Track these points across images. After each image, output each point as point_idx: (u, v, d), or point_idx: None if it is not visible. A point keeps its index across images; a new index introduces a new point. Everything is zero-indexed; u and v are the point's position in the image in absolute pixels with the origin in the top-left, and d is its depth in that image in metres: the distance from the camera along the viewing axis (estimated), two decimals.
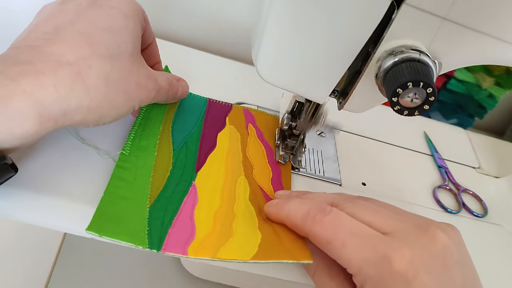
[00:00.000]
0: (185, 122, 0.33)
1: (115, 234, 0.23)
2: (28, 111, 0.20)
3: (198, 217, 0.27)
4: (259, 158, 0.34)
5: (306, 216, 0.25)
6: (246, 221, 0.27)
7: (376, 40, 0.24)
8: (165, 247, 0.24)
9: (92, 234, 0.23)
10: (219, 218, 0.27)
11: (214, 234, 0.26)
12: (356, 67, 0.26)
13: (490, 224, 0.39)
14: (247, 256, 0.24)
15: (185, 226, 0.26)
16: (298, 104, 0.33)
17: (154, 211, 0.26)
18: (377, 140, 0.43)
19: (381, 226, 0.23)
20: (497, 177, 0.45)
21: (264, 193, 0.31)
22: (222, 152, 0.32)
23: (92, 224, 0.23)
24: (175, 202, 0.27)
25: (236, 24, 0.52)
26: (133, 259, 0.41)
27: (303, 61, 0.26)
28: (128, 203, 0.25)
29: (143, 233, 0.24)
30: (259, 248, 0.25)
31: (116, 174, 0.27)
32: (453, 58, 0.25)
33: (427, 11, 0.22)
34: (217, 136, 0.34)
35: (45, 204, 0.25)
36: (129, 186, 0.26)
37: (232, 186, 0.30)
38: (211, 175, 0.30)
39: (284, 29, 0.24)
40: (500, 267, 0.35)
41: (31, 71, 0.21)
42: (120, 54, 0.25)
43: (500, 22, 0.23)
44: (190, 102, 0.35)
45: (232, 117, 0.36)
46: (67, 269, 0.38)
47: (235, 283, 0.40)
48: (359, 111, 0.29)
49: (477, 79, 0.53)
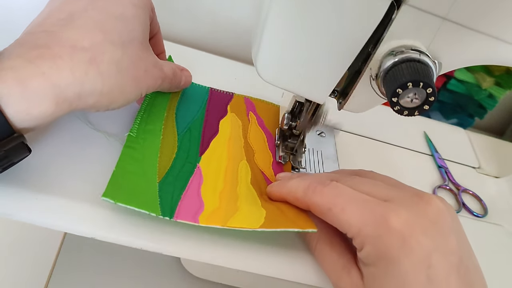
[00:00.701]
0: (188, 110, 0.34)
1: (129, 202, 0.24)
2: (46, 93, 0.21)
3: (205, 194, 0.28)
4: (260, 144, 0.35)
5: (307, 188, 0.26)
6: (249, 201, 0.28)
7: (376, 40, 0.24)
8: (177, 216, 0.25)
9: (107, 201, 0.24)
10: (224, 197, 0.28)
11: (221, 209, 0.27)
12: (356, 67, 0.26)
13: (490, 224, 0.39)
14: (255, 225, 0.25)
15: (193, 200, 0.27)
16: (298, 104, 0.33)
17: (163, 186, 0.27)
18: (377, 140, 0.43)
19: (379, 195, 0.24)
20: (497, 177, 0.45)
21: (265, 176, 0.32)
22: (224, 138, 0.33)
23: (107, 192, 0.24)
24: (183, 180, 0.28)
25: (236, 24, 0.52)
26: (133, 259, 0.41)
27: (303, 61, 0.26)
28: (139, 178, 0.27)
29: (155, 203, 0.25)
30: (266, 220, 0.26)
31: (125, 153, 0.28)
32: (453, 58, 0.25)
33: (427, 11, 0.22)
34: (219, 123, 0.35)
35: (45, 204, 0.25)
36: (138, 163, 0.28)
37: (235, 170, 0.31)
38: (214, 159, 0.31)
39: (284, 29, 0.24)
40: (500, 267, 0.35)
41: (49, 55, 0.22)
42: (131, 41, 0.26)
43: (500, 22, 0.23)
44: (193, 91, 0.36)
45: (233, 105, 0.37)
46: (67, 269, 0.38)
47: (235, 283, 0.40)
48: (359, 111, 0.29)
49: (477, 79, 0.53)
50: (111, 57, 0.24)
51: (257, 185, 0.30)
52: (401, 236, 0.22)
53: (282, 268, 0.28)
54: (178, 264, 0.41)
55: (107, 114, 0.29)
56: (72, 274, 0.38)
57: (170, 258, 0.41)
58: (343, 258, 0.26)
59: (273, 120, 0.38)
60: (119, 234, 0.25)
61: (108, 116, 0.31)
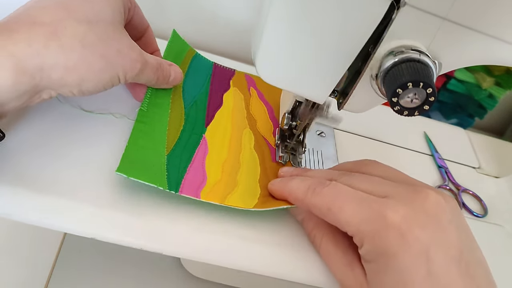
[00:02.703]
0: (194, 83, 0.36)
1: (140, 176, 0.26)
2: (3, 62, 0.21)
3: (208, 165, 0.30)
4: (261, 114, 0.37)
5: (307, 189, 0.26)
6: (250, 171, 0.31)
7: (376, 40, 0.24)
8: (181, 190, 0.27)
9: (120, 175, 0.25)
10: (226, 168, 0.31)
11: (221, 183, 0.29)
12: (356, 67, 0.26)
13: (490, 224, 0.39)
14: (249, 205, 0.28)
15: (197, 173, 0.29)
16: (298, 104, 0.33)
17: (171, 159, 0.29)
18: (377, 140, 0.43)
19: (377, 192, 0.24)
20: (497, 177, 0.45)
21: (267, 142, 0.35)
22: (228, 110, 0.36)
23: (121, 167, 0.26)
24: (189, 152, 0.30)
25: (236, 24, 0.52)
26: (133, 259, 0.41)
27: (303, 61, 0.25)
28: (149, 151, 0.28)
29: (163, 177, 0.27)
30: (258, 201, 0.29)
31: (137, 127, 0.29)
32: (453, 58, 0.25)
33: (427, 11, 0.22)
34: (223, 96, 0.37)
35: (45, 204, 0.25)
36: (149, 137, 0.29)
37: (239, 137, 0.34)
38: (219, 130, 0.34)
39: (284, 29, 0.24)
40: (500, 267, 0.35)
41: (5, 29, 0.22)
42: (98, 21, 0.25)
43: (500, 22, 0.23)
44: (198, 64, 0.38)
45: (235, 80, 0.39)
46: (67, 269, 0.38)
47: (235, 283, 0.40)
48: (359, 111, 0.29)
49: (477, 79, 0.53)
50: (74, 32, 0.24)
51: (259, 149, 0.34)
52: (399, 231, 0.22)
53: (282, 268, 0.28)
54: (178, 264, 0.41)
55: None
56: (72, 274, 0.38)
57: (170, 258, 0.41)
58: (347, 256, 0.26)
59: (273, 93, 0.40)
60: (119, 234, 0.25)
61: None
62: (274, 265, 0.27)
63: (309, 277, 0.28)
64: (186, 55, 0.38)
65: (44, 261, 0.38)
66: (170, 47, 0.36)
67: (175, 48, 0.37)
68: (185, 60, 0.37)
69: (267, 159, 0.33)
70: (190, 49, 0.38)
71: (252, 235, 0.28)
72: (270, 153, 0.34)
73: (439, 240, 0.22)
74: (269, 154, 0.34)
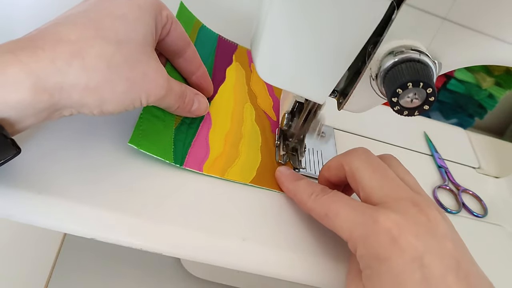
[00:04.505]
0: (200, 56, 0.36)
1: (149, 149, 0.28)
2: (22, 79, 0.21)
3: (212, 139, 0.33)
4: (261, 90, 0.39)
5: (310, 194, 0.28)
6: (252, 141, 0.34)
7: (376, 40, 0.24)
8: (186, 164, 0.30)
9: (132, 146, 0.28)
10: (229, 139, 0.33)
11: (223, 156, 0.32)
12: (356, 67, 0.26)
13: (490, 224, 0.39)
14: (247, 180, 0.31)
15: (201, 147, 0.32)
16: (298, 104, 0.33)
17: (178, 133, 0.31)
18: (377, 140, 0.43)
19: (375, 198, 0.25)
20: (497, 177, 0.45)
21: (268, 116, 0.37)
22: (231, 84, 0.38)
23: (132, 138, 0.28)
24: (194, 127, 0.32)
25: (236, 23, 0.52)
26: (133, 259, 0.41)
27: (302, 61, 0.25)
28: (160, 122, 0.30)
29: (170, 151, 0.30)
30: (257, 173, 0.32)
31: None
32: (453, 58, 0.25)
33: (427, 11, 0.22)
34: (226, 70, 0.38)
35: (45, 205, 0.25)
36: (159, 110, 0.31)
37: (240, 111, 0.36)
38: (222, 103, 0.36)
39: (283, 29, 0.24)
40: (500, 267, 0.35)
41: (30, 46, 0.22)
42: (129, 41, 0.25)
43: (500, 22, 0.23)
44: (204, 36, 0.38)
45: (238, 55, 0.40)
46: (67, 269, 0.38)
47: (235, 283, 0.40)
48: (359, 111, 0.29)
49: (477, 79, 0.53)
50: (101, 52, 0.23)
51: (260, 122, 0.36)
52: (390, 235, 0.22)
53: (282, 268, 0.28)
54: (178, 264, 0.41)
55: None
56: (72, 274, 0.38)
57: (170, 258, 0.41)
58: (353, 267, 0.26)
59: None
60: (119, 235, 0.25)
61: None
62: (274, 266, 0.27)
63: (309, 278, 0.28)
64: (193, 27, 0.38)
65: (44, 261, 0.38)
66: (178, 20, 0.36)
67: (182, 21, 0.36)
68: (192, 33, 0.37)
69: (268, 131, 0.36)
70: (196, 21, 0.38)
71: (252, 235, 0.28)
72: (270, 125, 0.37)
73: (434, 249, 0.22)
74: (269, 126, 0.37)
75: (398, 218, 0.23)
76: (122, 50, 0.24)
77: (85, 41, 0.23)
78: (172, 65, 0.32)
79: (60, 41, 0.22)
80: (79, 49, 0.22)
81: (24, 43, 0.22)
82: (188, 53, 0.32)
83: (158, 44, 0.29)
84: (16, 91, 0.21)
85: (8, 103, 0.21)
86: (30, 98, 0.21)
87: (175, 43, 0.30)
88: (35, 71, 0.21)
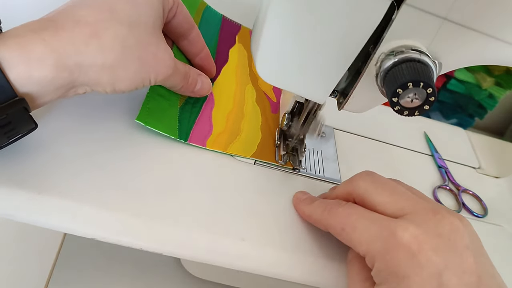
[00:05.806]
0: (204, 37, 0.36)
1: (155, 126, 0.30)
2: (46, 57, 0.22)
3: (215, 117, 0.34)
4: None
5: (324, 210, 0.27)
6: (252, 120, 0.36)
7: (376, 40, 0.24)
8: (190, 139, 0.32)
9: (139, 123, 0.29)
10: (231, 118, 0.35)
11: (225, 133, 0.34)
12: (356, 67, 0.26)
13: (490, 224, 0.39)
14: (248, 154, 0.33)
15: (204, 124, 0.33)
16: (298, 104, 0.33)
17: (182, 112, 0.33)
18: (377, 140, 0.43)
19: (393, 206, 0.24)
20: (497, 177, 0.45)
21: (268, 97, 0.39)
22: (233, 66, 0.39)
23: (140, 115, 0.30)
24: (198, 107, 0.34)
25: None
26: (133, 259, 0.41)
27: (302, 61, 0.25)
28: (165, 101, 0.32)
29: (175, 128, 0.31)
30: (257, 149, 0.34)
31: None
32: (453, 58, 0.25)
33: (427, 11, 0.22)
34: (229, 51, 0.39)
35: (45, 204, 0.25)
36: (165, 90, 0.32)
37: (242, 92, 0.37)
38: (225, 84, 0.37)
39: (283, 29, 0.24)
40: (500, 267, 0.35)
41: (51, 26, 0.23)
42: (139, 24, 0.26)
43: (500, 22, 0.23)
44: (208, 16, 0.39)
45: (241, 36, 0.41)
46: (67, 269, 0.38)
47: (235, 283, 0.40)
48: (359, 111, 0.29)
49: (477, 79, 0.53)
50: (115, 33, 0.25)
51: (261, 103, 0.38)
52: (409, 251, 0.21)
53: (282, 268, 0.28)
54: (178, 264, 0.41)
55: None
56: (72, 274, 0.38)
57: (170, 258, 0.41)
58: (363, 274, 0.25)
59: None
60: (119, 235, 0.25)
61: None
62: (274, 266, 0.27)
63: (309, 278, 0.28)
64: (198, 9, 0.38)
65: (44, 261, 0.38)
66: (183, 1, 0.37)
67: (187, 3, 0.37)
68: (196, 14, 0.38)
69: (268, 111, 0.37)
70: (201, 2, 0.39)
71: (252, 235, 0.28)
72: (270, 105, 0.38)
73: (453, 265, 0.21)
74: (269, 106, 0.38)
75: (418, 231, 0.22)
76: (134, 32, 0.26)
77: (101, 23, 0.24)
78: (177, 46, 0.34)
79: (78, 23, 0.24)
80: (96, 31, 0.24)
81: (46, 23, 0.23)
82: (192, 35, 0.33)
83: (164, 27, 0.30)
84: (40, 67, 0.22)
85: (32, 78, 0.22)
86: (52, 75, 0.23)
87: (180, 25, 0.32)
88: (58, 50, 0.23)
